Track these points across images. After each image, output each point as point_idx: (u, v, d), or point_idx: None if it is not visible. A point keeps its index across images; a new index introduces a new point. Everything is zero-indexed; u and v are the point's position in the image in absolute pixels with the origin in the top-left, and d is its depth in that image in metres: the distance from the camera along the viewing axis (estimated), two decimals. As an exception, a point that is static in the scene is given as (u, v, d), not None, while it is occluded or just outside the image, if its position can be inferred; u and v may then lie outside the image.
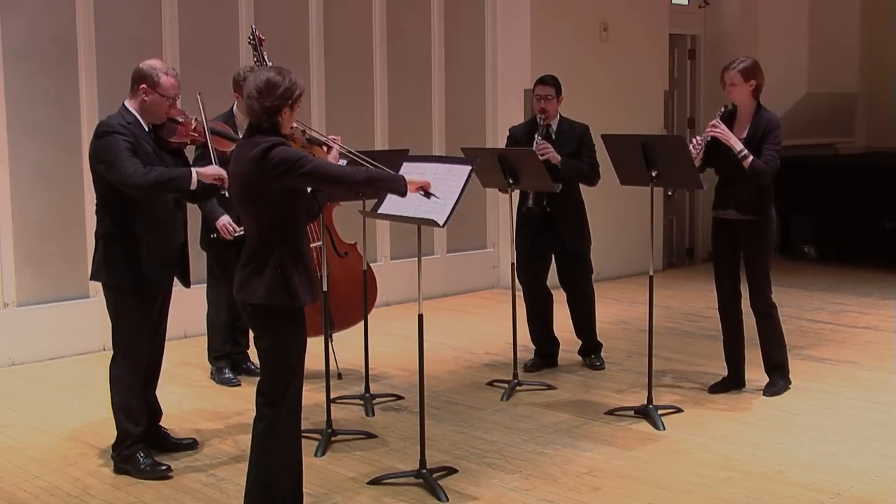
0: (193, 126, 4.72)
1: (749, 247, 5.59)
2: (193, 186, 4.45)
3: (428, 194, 4.02)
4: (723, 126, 5.45)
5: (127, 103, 4.58)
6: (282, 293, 3.72)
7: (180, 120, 4.71)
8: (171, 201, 4.61)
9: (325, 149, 4.49)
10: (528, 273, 6.28)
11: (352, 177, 3.91)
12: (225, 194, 4.55)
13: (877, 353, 6.69)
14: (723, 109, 5.57)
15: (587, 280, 6.36)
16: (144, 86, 4.52)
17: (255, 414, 3.88)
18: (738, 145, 5.40)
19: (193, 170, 4.49)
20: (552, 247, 6.25)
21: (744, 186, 5.47)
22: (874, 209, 10.06)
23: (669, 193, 6.20)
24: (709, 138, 5.47)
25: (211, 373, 6.12)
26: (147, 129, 4.57)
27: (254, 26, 5.65)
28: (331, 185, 3.93)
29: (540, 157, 5.83)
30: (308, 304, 3.82)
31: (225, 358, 6.08)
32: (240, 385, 5.99)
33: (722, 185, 5.65)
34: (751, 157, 5.36)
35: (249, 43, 5.70)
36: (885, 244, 10.03)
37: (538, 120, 6.13)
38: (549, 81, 6.15)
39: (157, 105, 4.55)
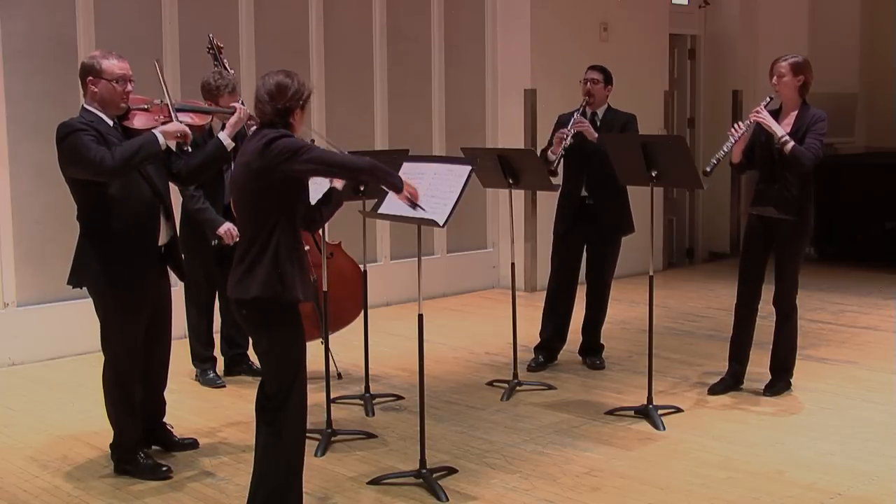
0: (161, 109, 4.57)
1: (783, 246, 5.54)
2: (163, 146, 4.33)
3: (414, 205, 4.03)
4: (765, 112, 5.39)
5: (84, 104, 4.44)
6: (276, 286, 3.71)
7: (145, 107, 4.56)
8: (148, 196, 4.44)
9: None
10: (560, 258, 6.30)
11: (354, 163, 3.95)
12: (188, 150, 4.44)
13: (877, 353, 6.69)
14: (768, 100, 5.48)
15: (607, 275, 6.32)
16: (90, 77, 4.38)
17: (260, 417, 3.87)
18: (780, 131, 5.33)
19: (155, 130, 4.34)
20: (587, 236, 6.23)
21: (785, 185, 5.41)
22: (874, 209, 10.07)
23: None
24: (751, 122, 5.42)
25: (196, 375, 6.12)
26: (112, 124, 4.42)
27: (211, 35, 5.62)
28: (333, 172, 3.95)
29: (575, 130, 5.93)
30: (301, 300, 3.79)
31: (209, 360, 6.10)
32: (224, 386, 6.00)
33: (762, 183, 5.58)
34: (792, 143, 5.30)
35: (209, 52, 5.66)
36: (885, 244, 10.03)
37: (582, 101, 6.16)
38: (599, 68, 6.23)
39: (109, 92, 4.37)
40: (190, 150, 4.47)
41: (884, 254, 9.99)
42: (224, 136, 4.59)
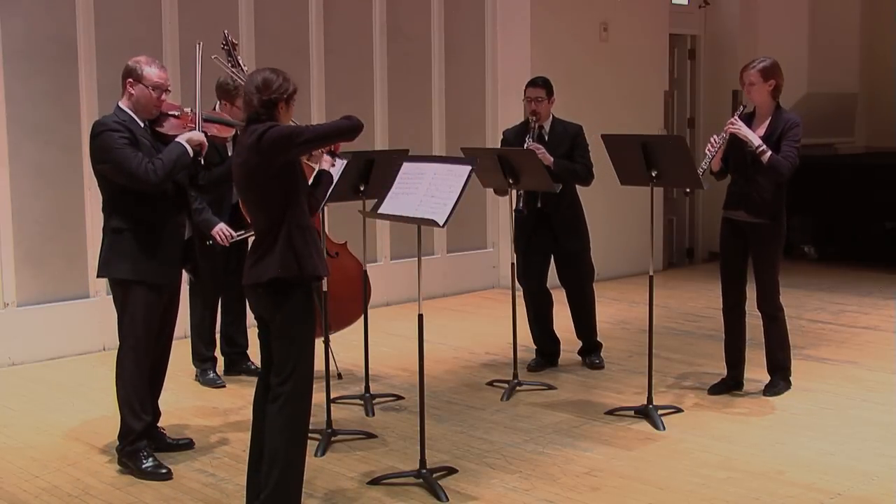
0: (191, 118, 4.75)
1: (758, 249, 5.55)
2: (192, 153, 4.52)
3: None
4: (740, 123, 5.39)
5: (120, 103, 4.60)
6: (293, 265, 3.85)
7: (176, 114, 4.75)
8: (174, 191, 4.61)
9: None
10: (526, 273, 6.28)
11: (344, 126, 4.08)
12: (200, 161, 4.60)
13: (877, 353, 6.69)
14: (741, 109, 5.51)
15: (585, 281, 6.34)
16: (130, 79, 4.56)
17: (263, 402, 3.95)
18: (756, 140, 5.33)
19: (181, 140, 4.53)
20: (549, 247, 6.25)
21: (757, 189, 5.41)
22: (874, 209, 10.07)
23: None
24: (727, 136, 5.42)
25: (196, 375, 6.13)
26: (143, 126, 4.59)
27: (226, 31, 5.65)
28: (330, 141, 4.10)
29: None
30: (321, 274, 3.95)
31: (209, 360, 6.11)
32: (224, 386, 6.00)
33: (734, 186, 5.59)
34: (769, 153, 5.30)
35: (223, 48, 5.69)
36: (885, 244, 10.03)
37: (530, 122, 6.13)
38: (540, 83, 6.14)
39: (146, 97, 4.56)
40: (203, 161, 4.63)
41: (884, 254, 9.98)
42: None
